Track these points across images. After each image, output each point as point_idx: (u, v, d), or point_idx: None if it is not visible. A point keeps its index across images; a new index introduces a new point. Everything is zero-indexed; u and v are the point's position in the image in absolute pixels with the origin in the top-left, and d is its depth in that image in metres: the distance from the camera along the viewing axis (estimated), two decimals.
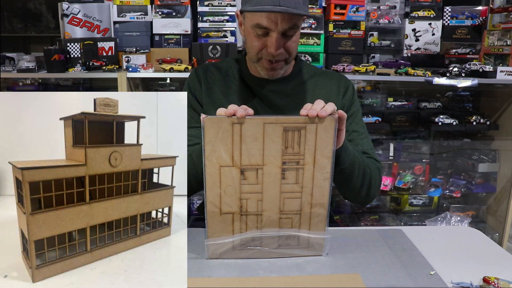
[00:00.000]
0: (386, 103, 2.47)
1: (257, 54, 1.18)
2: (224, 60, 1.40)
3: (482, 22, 2.47)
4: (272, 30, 1.12)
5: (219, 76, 1.32)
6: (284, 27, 1.11)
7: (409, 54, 2.47)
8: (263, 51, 1.17)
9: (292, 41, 1.16)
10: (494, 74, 2.14)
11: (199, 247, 1.05)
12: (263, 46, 1.16)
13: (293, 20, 1.11)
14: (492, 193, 2.59)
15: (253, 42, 1.17)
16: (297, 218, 0.99)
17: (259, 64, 1.21)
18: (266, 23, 1.10)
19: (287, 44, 1.15)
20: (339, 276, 0.94)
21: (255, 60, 1.21)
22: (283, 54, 1.17)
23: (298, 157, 0.93)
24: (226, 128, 0.90)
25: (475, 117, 2.40)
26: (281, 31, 1.12)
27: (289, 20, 1.10)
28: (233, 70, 1.34)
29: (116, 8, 2.33)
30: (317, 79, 1.33)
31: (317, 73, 1.35)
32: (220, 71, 1.33)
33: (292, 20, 1.11)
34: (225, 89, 1.30)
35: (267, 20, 1.10)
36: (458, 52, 2.53)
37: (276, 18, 1.09)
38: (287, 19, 1.10)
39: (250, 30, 1.16)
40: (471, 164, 2.59)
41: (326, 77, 1.34)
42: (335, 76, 1.36)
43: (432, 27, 2.47)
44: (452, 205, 2.66)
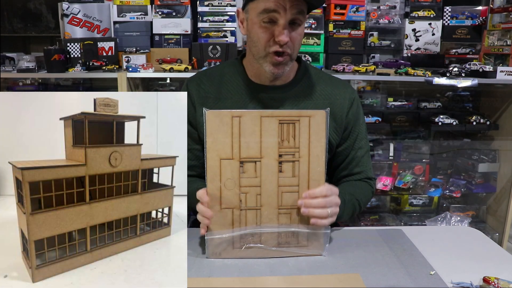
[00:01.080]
0: (386, 103, 2.47)
1: (264, 47, 1.12)
2: (219, 66, 1.35)
3: (482, 22, 2.47)
4: (280, 16, 1.08)
5: (213, 84, 1.26)
6: (293, 12, 1.08)
7: (409, 54, 2.47)
8: (271, 42, 1.11)
9: (297, 34, 1.13)
10: (494, 74, 2.14)
11: (199, 247, 1.05)
12: (270, 37, 1.11)
13: (300, 6, 1.08)
14: (492, 193, 2.59)
15: (259, 34, 1.12)
16: (295, 213, 1.00)
17: (265, 60, 1.14)
18: (274, 6, 1.07)
19: (293, 37, 1.12)
20: (339, 276, 0.94)
21: (262, 55, 1.14)
22: (290, 46, 1.12)
23: (293, 149, 0.98)
24: (226, 121, 0.96)
25: (475, 117, 2.40)
26: (289, 18, 1.08)
27: (297, 5, 1.08)
28: (230, 75, 1.27)
29: (116, 8, 2.32)
30: (322, 88, 1.27)
31: (322, 80, 1.29)
32: (214, 79, 1.27)
33: (299, 5, 1.08)
34: (221, 98, 1.24)
35: (275, 4, 1.07)
36: (458, 52, 2.52)
37: (284, 2, 1.06)
38: (295, 4, 1.07)
39: (256, 21, 1.11)
40: (471, 164, 2.58)
41: (331, 85, 1.28)
42: (340, 85, 1.29)
43: (432, 27, 2.47)
44: (452, 205, 2.66)
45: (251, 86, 1.24)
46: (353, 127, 1.28)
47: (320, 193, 0.99)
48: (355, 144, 1.28)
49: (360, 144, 1.28)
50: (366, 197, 1.26)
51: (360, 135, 1.29)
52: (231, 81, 1.26)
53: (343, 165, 1.29)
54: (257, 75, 1.23)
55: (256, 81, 1.24)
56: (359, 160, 1.28)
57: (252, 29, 1.14)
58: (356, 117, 1.28)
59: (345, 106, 1.26)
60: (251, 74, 1.24)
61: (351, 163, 1.28)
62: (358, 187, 1.26)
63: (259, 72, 1.21)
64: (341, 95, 1.27)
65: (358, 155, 1.28)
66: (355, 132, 1.28)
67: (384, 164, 2.55)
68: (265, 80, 1.22)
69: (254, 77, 1.24)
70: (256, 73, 1.23)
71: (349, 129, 1.27)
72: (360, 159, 1.28)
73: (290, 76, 1.25)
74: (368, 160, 1.30)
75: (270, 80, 1.21)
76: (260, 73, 1.21)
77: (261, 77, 1.22)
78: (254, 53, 1.17)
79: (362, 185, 1.27)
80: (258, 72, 1.22)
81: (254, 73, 1.24)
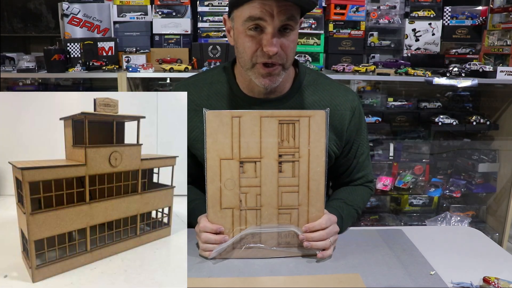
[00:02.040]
0: (386, 103, 2.47)
1: (251, 58, 1.03)
2: (208, 73, 1.25)
3: (482, 22, 2.47)
4: (267, 23, 0.98)
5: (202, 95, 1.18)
6: (281, 19, 0.97)
7: (409, 54, 2.47)
8: (258, 52, 1.02)
9: (289, 41, 1.02)
10: (494, 74, 2.14)
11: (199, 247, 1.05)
12: (257, 47, 1.02)
13: (290, 11, 0.98)
14: (492, 193, 2.59)
15: (245, 43, 1.02)
16: (295, 213, 1.00)
17: (253, 72, 1.05)
18: (260, 14, 0.97)
19: (284, 44, 1.01)
20: (339, 276, 0.94)
21: (249, 66, 1.05)
22: (280, 55, 1.02)
23: (293, 150, 0.98)
24: (226, 121, 0.95)
25: (475, 117, 2.40)
26: (277, 25, 0.98)
27: (286, 10, 0.97)
28: (220, 85, 1.18)
29: (116, 8, 2.32)
30: (320, 98, 1.18)
31: (320, 87, 1.19)
32: (202, 89, 1.19)
33: (289, 10, 0.98)
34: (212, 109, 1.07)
35: (260, 10, 0.97)
36: (458, 52, 2.52)
37: (271, 8, 0.96)
38: (284, 9, 0.97)
39: (242, 30, 1.02)
40: (471, 164, 2.58)
41: (331, 94, 1.19)
42: (340, 93, 1.20)
43: (432, 27, 2.47)
44: (452, 205, 2.65)
45: (243, 99, 1.15)
46: (356, 138, 1.23)
47: (320, 226, 1.00)
48: (357, 152, 1.24)
49: (362, 151, 1.25)
50: (364, 203, 1.27)
51: (362, 143, 1.25)
52: (221, 91, 1.18)
53: (346, 173, 1.27)
54: (249, 88, 1.15)
55: (249, 94, 1.15)
56: (361, 166, 1.26)
57: (238, 39, 1.05)
58: (358, 127, 1.22)
59: (346, 117, 1.18)
60: (243, 86, 1.16)
61: (353, 170, 1.26)
62: (359, 194, 1.25)
63: (251, 84, 1.13)
64: (341, 105, 1.18)
65: (359, 161, 1.26)
66: (357, 142, 1.24)
67: (384, 164, 2.55)
68: (259, 93, 1.14)
69: (246, 89, 1.15)
70: (248, 86, 1.14)
71: (351, 141, 1.22)
72: (361, 165, 1.26)
73: (286, 86, 1.16)
74: (368, 163, 1.28)
75: (264, 92, 1.13)
76: (252, 86, 1.13)
77: (253, 90, 1.14)
78: (242, 65, 1.08)
79: (362, 191, 1.27)
80: (250, 85, 1.14)
81: (246, 85, 1.15)
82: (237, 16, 1.03)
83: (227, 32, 1.12)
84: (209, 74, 1.23)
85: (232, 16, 1.06)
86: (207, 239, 0.99)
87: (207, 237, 0.99)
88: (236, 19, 1.04)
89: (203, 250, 1.00)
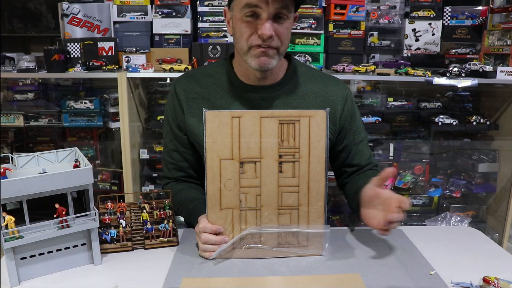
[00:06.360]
0: (386, 103, 2.47)
1: (246, 41, 1.10)
2: (207, 66, 1.32)
3: (482, 22, 2.47)
4: (263, 10, 1.06)
5: (201, 85, 1.24)
6: (275, 6, 1.06)
7: (409, 54, 2.47)
8: (253, 36, 1.09)
9: (284, 28, 1.10)
10: (494, 74, 2.14)
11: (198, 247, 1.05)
12: (252, 31, 1.09)
13: (284, 0, 1.06)
14: (492, 193, 2.59)
15: (242, 28, 1.10)
16: (295, 213, 1.00)
17: (249, 55, 1.12)
18: (256, 1, 1.05)
19: (279, 31, 1.09)
20: (339, 276, 0.94)
21: (245, 50, 1.12)
22: (275, 40, 1.10)
23: (293, 150, 0.98)
24: (226, 121, 0.95)
25: (475, 117, 2.40)
26: (272, 12, 1.06)
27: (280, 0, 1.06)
28: (219, 75, 1.25)
29: (116, 8, 2.32)
30: (313, 85, 1.26)
31: (312, 77, 1.28)
32: (201, 80, 1.25)
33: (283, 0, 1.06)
34: (209, 98, 1.22)
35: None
36: (458, 52, 2.52)
37: None
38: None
39: (239, 17, 1.10)
40: (471, 164, 2.58)
41: (323, 82, 1.27)
42: (331, 82, 1.29)
43: (432, 27, 2.47)
44: (452, 205, 2.65)
45: (240, 86, 1.22)
46: (351, 124, 1.29)
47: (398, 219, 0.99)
48: (355, 139, 1.29)
49: (360, 138, 1.30)
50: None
51: (358, 129, 1.30)
52: (219, 81, 1.24)
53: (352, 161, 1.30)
54: (246, 75, 1.21)
55: (246, 81, 1.22)
56: (362, 152, 1.30)
57: (236, 25, 1.13)
58: (352, 113, 1.29)
59: (338, 104, 1.26)
60: (240, 74, 1.23)
61: (355, 156, 1.29)
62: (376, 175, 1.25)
63: (247, 72, 1.20)
64: (333, 92, 1.26)
65: (360, 148, 1.30)
66: (352, 128, 1.29)
67: (384, 164, 2.55)
68: (254, 79, 1.20)
69: (243, 77, 1.22)
70: (245, 73, 1.21)
71: (346, 128, 1.28)
72: (363, 151, 1.30)
73: (280, 75, 1.23)
74: (369, 149, 1.33)
75: (259, 78, 1.19)
76: (249, 73, 1.20)
77: (250, 77, 1.21)
78: (239, 50, 1.16)
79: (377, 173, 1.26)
80: (246, 72, 1.21)
81: (243, 73, 1.22)
82: (236, 4, 1.11)
83: (227, 23, 1.20)
84: (209, 67, 1.30)
85: (231, 6, 1.14)
86: (207, 239, 0.99)
87: (207, 237, 0.99)
88: (235, 8, 1.12)
89: (203, 250, 1.01)
